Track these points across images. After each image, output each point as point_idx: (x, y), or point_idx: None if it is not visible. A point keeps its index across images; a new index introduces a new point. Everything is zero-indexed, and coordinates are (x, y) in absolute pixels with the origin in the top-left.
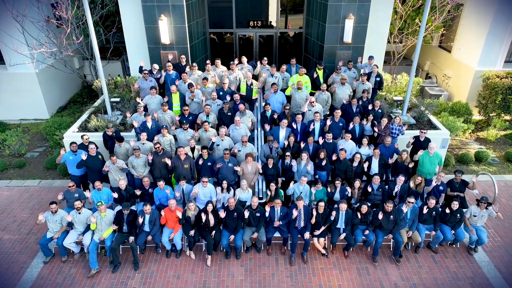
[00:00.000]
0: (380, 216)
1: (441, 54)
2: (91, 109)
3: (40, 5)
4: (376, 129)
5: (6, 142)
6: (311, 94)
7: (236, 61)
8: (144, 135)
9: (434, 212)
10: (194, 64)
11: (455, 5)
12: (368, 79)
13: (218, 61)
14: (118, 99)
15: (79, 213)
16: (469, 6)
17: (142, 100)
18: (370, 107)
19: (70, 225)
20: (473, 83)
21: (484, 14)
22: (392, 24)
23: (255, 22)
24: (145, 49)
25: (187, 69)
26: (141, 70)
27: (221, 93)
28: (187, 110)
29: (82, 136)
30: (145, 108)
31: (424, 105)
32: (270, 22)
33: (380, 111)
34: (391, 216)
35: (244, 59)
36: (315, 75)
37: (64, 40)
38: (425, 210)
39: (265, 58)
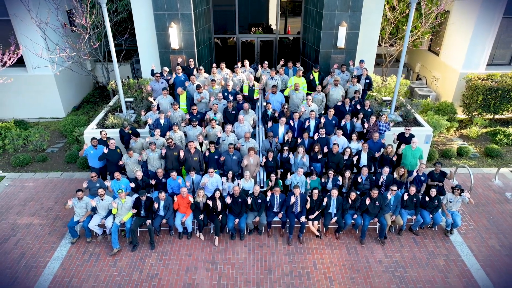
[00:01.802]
0: (367, 202)
1: (430, 57)
2: (106, 108)
3: (58, 12)
4: (365, 126)
5: (30, 138)
6: (308, 94)
7: (239, 65)
8: (157, 131)
9: (414, 199)
10: (201, 67)
11: (442, 12)
12: (358, 81)
13: (223, 65)
14: (131, 99)
15: (102, 200)
16: (454, 13)
17: (154, 100)
18: (359, 106)
19: (94, 210)
20: (458, 84)
21: (467, 20)
22: (384, 29)
23: (256, 28)
24: (156, 53)
25: (195, 71)
26: (152, 73)
27: (226, 93)
28: (195, 109)
29: (100, 132)
30: (157, 107)
31: (410, 104)
32: (270, 27)
33: (369, 110)
34: (377, 202)
35: (247, 62)
36: (311, 77)
37: (82, 45)
38: (406, 197)
39: (266, 62)
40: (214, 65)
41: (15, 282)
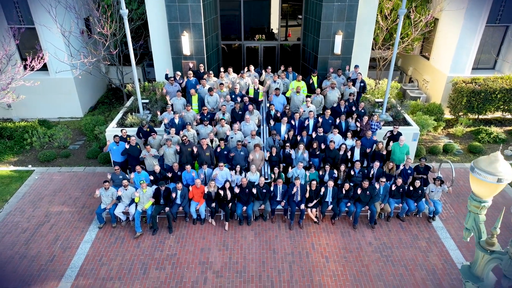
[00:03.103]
0: (359, 191)
1: (421, 61)
2: (124, 109)
3: (78, 21)
4: (359, 125)
5: (54, 136)
6: (308, 96)
7: (245, 69)
8: (173, 130)
9: (401, 189)
10: (211, 71)
11: (431, 20)
12: (353, 84)
13: (230, 69)
14: (147, 101)
15: (126, 190)
16: (442, 21)
17: (170, 100)
18: (353, 108)
19: (119, 198)
20: (446, 87)
21: (454, 28)
22: (378, 35)
23: (260, 35)
24: (169, 59)
25: (205, 75)
26: (167, 77)
27: (233, 95)
28: (205, 109)
29: (121, 130)
30: (172, 108)
31: (400, 105)
32: (273, 34)
33: (363, 111)
34: (368, 192)
35: (252, 67)
36: (310, 81)
37: (102, 51)
38: (393, 188)
39: (269, 67)
40: (222, 69)
41: (53, 260)
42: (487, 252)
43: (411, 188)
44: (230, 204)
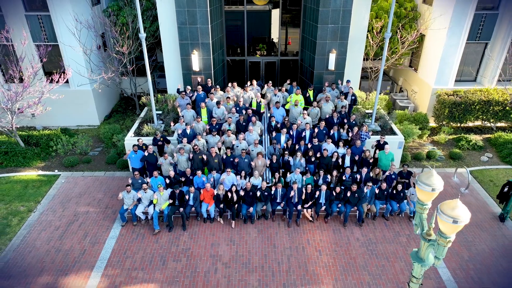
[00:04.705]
0: (349, 194)
1: (410, 73)
2: (139, 119)
3: (96, 39)
4: (350, 135)
5: (77, 144)
6: (305, 109)
7: (248, 84)
8: (185, 140)
9: (385, 192)
10: (217, 86)
11: (418, 37)
12: (345, 98)
13: (235, 84)
14: (160, 112)
15: (145, 192)
16: (428, 37)
17: (181, 112)
18: (345, 119)
19: (139, 200)
20: (431, 97)
21: (438, 44)
22: (370, 50)
23: (262, 51)
24: (179, 74)
25: (212, 90)
26: (178, 91)
27: (238, 108)
28: (214, 121)
29: (138, 140)
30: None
31: (388, 116)
32: (273, 47)
33: (354, 122)
34: (356, 194)
35: (254, 82)
36: (307, 95)
37: (120, 68)
38: (378, 191)
39: (270, 82)
40: (229, 84)
41: (85, 253)
42: (426, 241)
43: (394, 191)
44: (236, 205)
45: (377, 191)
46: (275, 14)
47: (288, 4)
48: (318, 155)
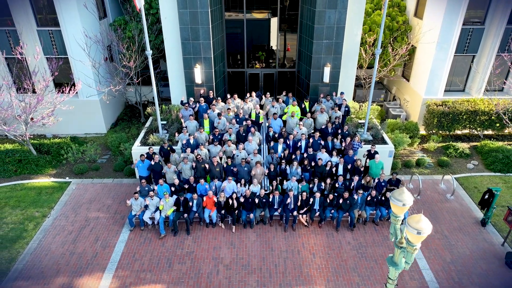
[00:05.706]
0: (341, 201)
1: (403, 82)
2: (144, 129)
3: (104, 52)
4: (343, 145)
5: (86, 152)
6: (300, 119)
7: (248, 95)
8: (188, 150)
9: (375, 199)
10: (219, 98)
11: (409, 49)
12: (339, 109)
13: (235, 95)
14: (164, 122)
15: (152, 199)
16: (419, 49)
17: (184, 123)
18: (339, 130)
19: (146, 206)
20: (422, 107)
21: (428, 56)
22: (363, 62)
23: (261, 64)
24: (183, 86)
25: (214, 101)
26: (182, 103)
27: (238, 119)
28: (217, 131)
29: (149, 148)
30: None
31: (380, 126)
32: (271, 60)
33: (347, 132)
34: (348, 201)
35: (254, 93)
36: (303, 106)
37: (127, 80)
38: (368, 198)
39: (268, 93)
40: (229, 96)
41: (97, 256)
42: (399, 248)
43: (384, 198)
44: (236, 211)
45: (368, 198)
46: (274, 22)
47: (286, 14)
48: (313, 164)
